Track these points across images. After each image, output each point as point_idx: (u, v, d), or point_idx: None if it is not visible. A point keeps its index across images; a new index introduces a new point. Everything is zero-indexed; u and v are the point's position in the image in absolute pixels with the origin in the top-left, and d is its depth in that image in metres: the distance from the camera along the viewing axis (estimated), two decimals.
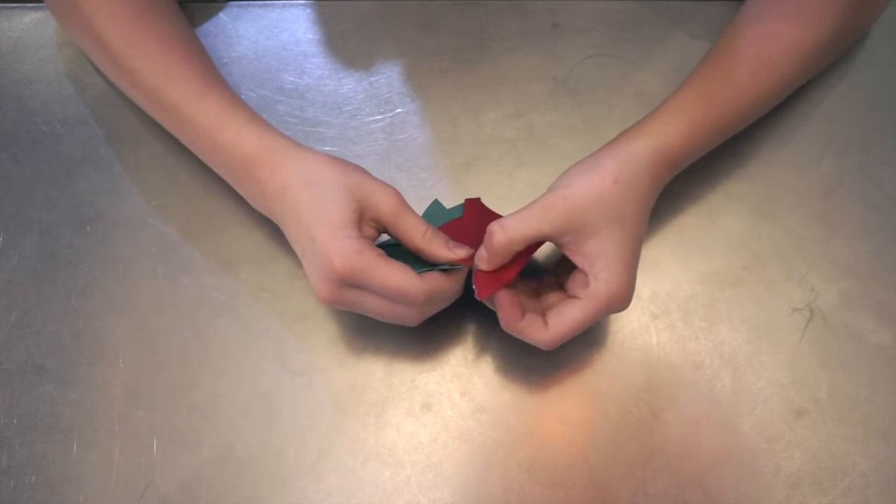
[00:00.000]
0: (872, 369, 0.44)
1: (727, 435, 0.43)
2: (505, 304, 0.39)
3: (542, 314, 0.40)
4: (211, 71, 0.46)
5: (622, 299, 0.39)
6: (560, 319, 0.39)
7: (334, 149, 0.50)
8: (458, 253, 0.40)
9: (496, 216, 0.44)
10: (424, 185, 0.49)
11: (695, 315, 0.46)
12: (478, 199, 0.45)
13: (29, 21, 0.55)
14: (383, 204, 0.40)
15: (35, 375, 0.44)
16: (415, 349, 0.45)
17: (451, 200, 0.48)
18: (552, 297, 0.42)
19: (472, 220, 0.44)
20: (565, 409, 0.44)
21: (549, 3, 0.54)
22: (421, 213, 0.43)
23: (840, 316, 0.45)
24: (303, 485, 0.42)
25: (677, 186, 0.46)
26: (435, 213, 0.45)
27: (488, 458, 0.43)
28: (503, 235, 0.39)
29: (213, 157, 0.44)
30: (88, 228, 0.48)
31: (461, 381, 0.44)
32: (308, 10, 0.55)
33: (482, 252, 0.40)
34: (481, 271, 0.40)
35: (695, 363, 0.44)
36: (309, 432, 0.43)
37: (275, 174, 0.41)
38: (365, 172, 0.41)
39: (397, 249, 0.42)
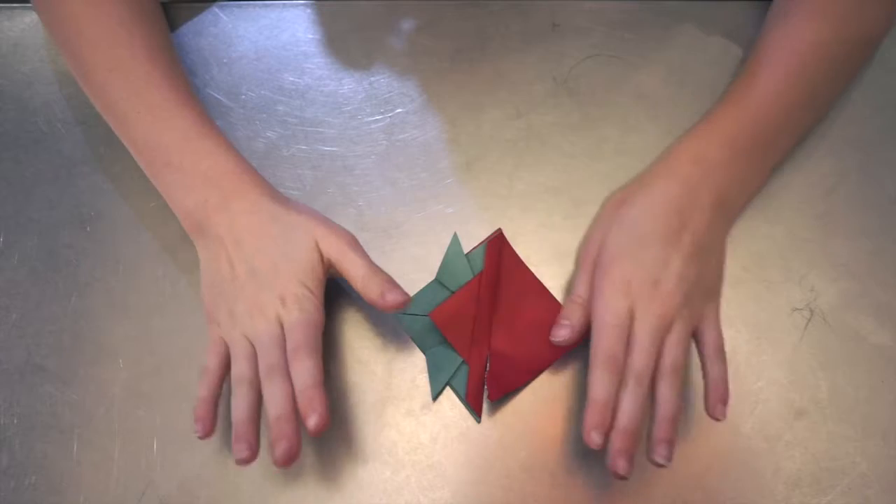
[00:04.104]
0: (872, 369, 0.44)
1: (727, 435, 0.43)
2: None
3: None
4: (178, 97, 0.45)
5: None
6: (718, 389, 0.40)
7: (334, 149, 0.50)
8: (389, 300, 0.40)
9: (517, 260, 0.46)
10: (424, 185, 0.49)
11: None
12: (499, 238, 0.47)
13: (29, 21, 0.55)
14: (333, 251, 0.41)
15: (35, 375, 0.44)
16: (415, 349, 0.45)
17: (451, 202, 0.48)
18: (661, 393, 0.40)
19: (493, 269, 0.45)
20: (565, 408, 0.44)
21: (549, 3, 0.54)
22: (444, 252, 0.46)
23: (840, 316, 0.45)
24: (303, 485, 0.42)
25: None
26: (452, 259, 0.46)
27: (488, 458, 0.43)
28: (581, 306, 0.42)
29: (160, 157, 0.44)
30: (88, 228, 0.48)
31: None
32: (308, 10, 0.55)
33: (564, 321, 0.42)
34: (493, 373, 0.43)
35: (695, 363, 0.44)
36: None
37: (246, 194, 0.42)
38: (320, 217, 0.43)
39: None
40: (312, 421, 0.36)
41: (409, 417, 0.44)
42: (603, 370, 0.38)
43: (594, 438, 0.37)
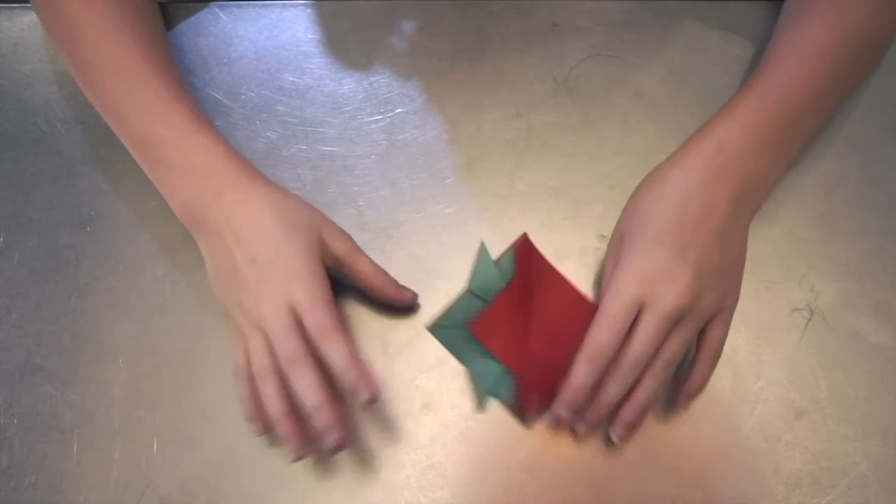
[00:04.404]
0: (872, 369, 0.44)
1: (727, 435, 0.43)
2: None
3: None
4: (171, 94, 0.45)
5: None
6: (693, 385, 0.41)
7: (334, 149, 0.50)
8: (405, 292, 0.44)
9: (547, 265, 0.46)
10: (424, 185, 0.49)
11: None
12: (526, 244, 0.46)
13: (29, 21, 0.55)
14: (340, 244, 0.42)
15: (35, 375, 0.44)
16: (415, 349, 0.45)
17: (451, 202, 0.48)
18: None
19: (524, 277, 0.45)
20: None
21: (549, 3, 0.54)
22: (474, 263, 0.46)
23: (840, 316, 0.45)
24: (303, 485, 0.42)
25: None
26: (483, 268, 0.46)
27: (488, 458, 0.43)
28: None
29: (158, 149, 0.44)
30: (88, 228, 0.48)
31: (461, 381, 0.44)
32: (308, 10, 0.55)
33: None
34: (533, 392, 0.43)
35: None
36: None
37: (240, 185, 0.42)
38: (320, 213, 0.43)
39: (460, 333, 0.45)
40: (365, 396, 0.37)
41: (409, 417, 0.44)
42: (588, 361, 0.38)
43: (562, 414, 0.39)
